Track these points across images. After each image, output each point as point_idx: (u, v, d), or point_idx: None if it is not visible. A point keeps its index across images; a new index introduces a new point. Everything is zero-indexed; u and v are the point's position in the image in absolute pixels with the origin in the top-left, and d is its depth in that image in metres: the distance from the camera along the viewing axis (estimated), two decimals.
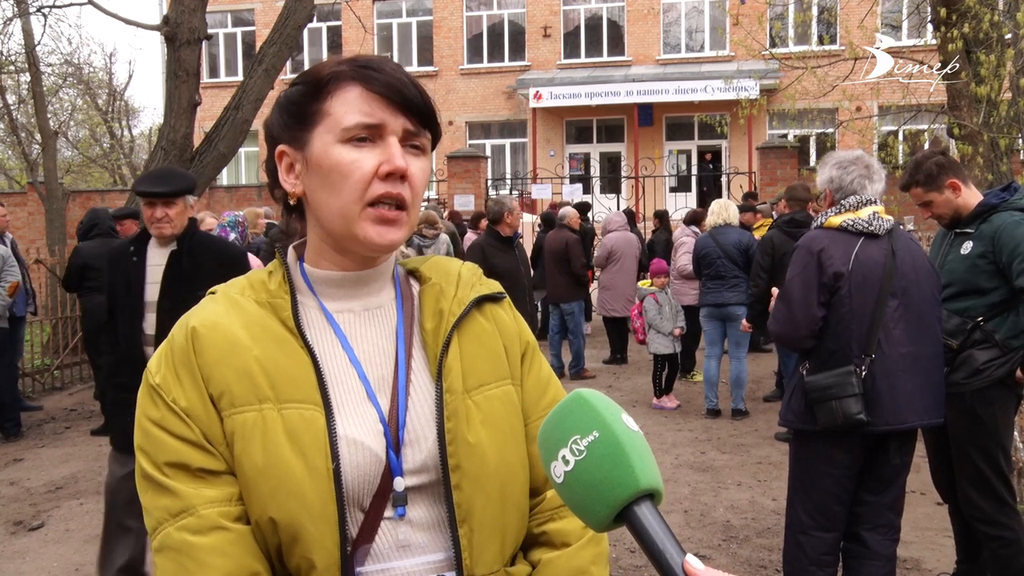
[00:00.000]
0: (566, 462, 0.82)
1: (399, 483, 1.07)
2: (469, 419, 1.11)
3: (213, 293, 1.14)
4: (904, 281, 3.11)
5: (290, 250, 1.18)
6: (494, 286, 1.23)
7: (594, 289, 10.59)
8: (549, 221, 10.34)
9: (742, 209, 8.65)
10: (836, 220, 3.18)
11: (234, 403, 1.03)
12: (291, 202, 1.14)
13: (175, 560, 1.00)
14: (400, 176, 1.07)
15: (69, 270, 7.12)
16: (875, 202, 3.21)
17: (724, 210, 7.50)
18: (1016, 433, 4.36)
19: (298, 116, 1.10)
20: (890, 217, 3.22)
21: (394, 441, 1.08)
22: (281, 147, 1.13)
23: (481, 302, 1.19)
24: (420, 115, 1.09)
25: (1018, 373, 3.27)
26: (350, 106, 1.06)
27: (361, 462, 1.05)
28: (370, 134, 1.07)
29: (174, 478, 1.02)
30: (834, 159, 3.30)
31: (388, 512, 1.07)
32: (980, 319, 3.28)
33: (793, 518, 3.28)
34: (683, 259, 8.17)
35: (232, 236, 6.26)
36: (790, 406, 3.26)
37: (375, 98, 1.06)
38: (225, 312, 1.09)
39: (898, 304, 3.09)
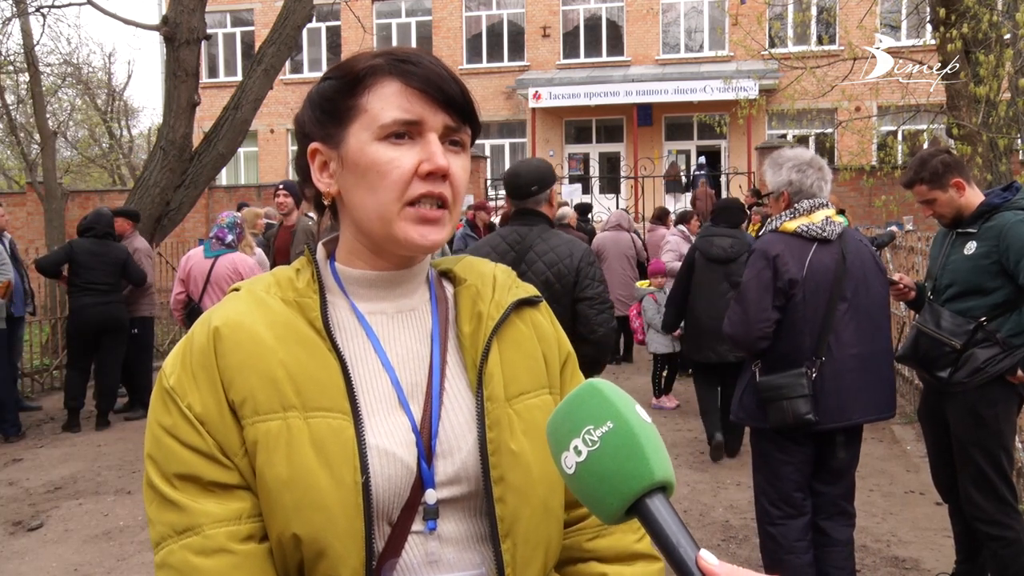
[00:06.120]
0: (578, 452, 0.80)
1: (431, 495, 1.01)
2: (512, 429, 1.05)
3: (236, 290, 1.07)
4: (854, 283, 3.21)
5: (319, 247, 1.11)
6: (530, 289, 1.16)
7: None
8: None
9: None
10: (791, 225, 3.24)
11: (257, 411, 0.97)
12: (325, 202, 1.09)
13: None
14: (441, 175, 1.01)
15: (49, 256, 7.43)
16: (826, 205, 3.27)
17: None
18: (1018, 434, 4.35)
19: (332, 112, 1.04)
20: (841, 220, 3.29)
21: (426, 451, 1.02)
22: (314, 145, 1.06)
23: (519, 306, 1.13)
24: (460, 111, 1.03)
25: (1020, 373, 3.24)
26: (388, 102, 1.01)
27: (392, 474, 0.99)
28: (409, 131, 1.01)
29: (183, 491, 0.96)
30: (789, 161, 3.32)
31: (417, 526, 1.01)
32: (983, 319, 3.28)
33: (762, 513, 3.40)
34: (666, 256, 8.14)
35: (230, 237, 6.22)
36: (742, 403, 3.38)
37: (414, 93, 1.00)
38: (249, 311, 1.02)
39: (848, 307, 3.19)
